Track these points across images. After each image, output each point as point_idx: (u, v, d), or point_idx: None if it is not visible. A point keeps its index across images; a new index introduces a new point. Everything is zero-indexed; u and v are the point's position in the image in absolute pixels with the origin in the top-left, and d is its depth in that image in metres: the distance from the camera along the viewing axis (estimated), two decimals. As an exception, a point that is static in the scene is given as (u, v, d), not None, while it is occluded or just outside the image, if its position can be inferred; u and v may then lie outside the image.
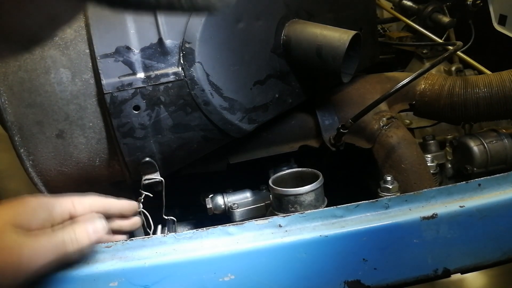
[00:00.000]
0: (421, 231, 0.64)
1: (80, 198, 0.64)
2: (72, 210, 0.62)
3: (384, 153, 0.90)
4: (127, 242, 0.64)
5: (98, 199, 0.66)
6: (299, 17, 0.86)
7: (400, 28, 1.60)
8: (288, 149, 0.97)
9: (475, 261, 0.65)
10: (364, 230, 0.63)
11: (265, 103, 0.82)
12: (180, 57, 0.71)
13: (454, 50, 0.97)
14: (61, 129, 0.72)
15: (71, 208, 0.62)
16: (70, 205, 0.62)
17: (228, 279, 0.62)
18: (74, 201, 0.63)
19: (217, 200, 0.95)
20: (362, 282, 0.64)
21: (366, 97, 0.97)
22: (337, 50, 0.78)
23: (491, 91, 0.95)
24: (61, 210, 0.61)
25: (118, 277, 0.61)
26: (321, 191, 0.77)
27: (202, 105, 0.73)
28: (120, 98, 0.70)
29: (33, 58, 0.70)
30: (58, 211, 0.61)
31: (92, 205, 0.65)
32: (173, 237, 0.64)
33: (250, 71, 0.79)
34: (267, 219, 0.65)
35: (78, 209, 0.63)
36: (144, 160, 0.74)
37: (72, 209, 0.62)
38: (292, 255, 0.63)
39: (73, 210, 0.62)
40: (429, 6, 1.34)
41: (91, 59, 0.70)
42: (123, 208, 0.70)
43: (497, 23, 1.27)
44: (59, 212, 0.61)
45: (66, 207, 0.62)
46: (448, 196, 0.67)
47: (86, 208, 0.64)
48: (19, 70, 0.70)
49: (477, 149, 0.99)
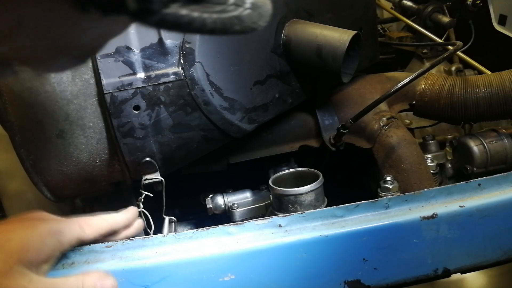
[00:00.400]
0: (421, 231, 0.64)
1: (87, 220, 0.64)
2: (80, 234, 0.62)
3: (384, 153, 0.90)
4: (127, 242, 0.64)
5: (104, 219, 0.66)
6: (299, 17, 0.86)
7: (400, 28, 1.60)
8: (288, 149, 0.97)
9: (475, 261, 0.65)
10: (364, 230, 0.63)
11: (265, 103, 0.83)
12: (180, 57, 0.71)
13: (454, 50, 0.97)
14: (61, 129, 0.72)
15: (80, 233, 0.62)
16: (78, 230, 0.62)
17: (228, 279, 0.62)
18: (82, 224, 0.63)
19: (217, 200, 0.95)
20: (362, 282, 0.64)
21: (366, 97, 0.98)
22: (337, 50, 0.78)
23: (491, 91, 0.95)
24: (70, 235, 0.60)
25: (118, 277, 0.61)
26: (321, 191, 0.77)
27: (202, 105, 0.73)
28: (120, 98, 0.70)
29: (33, 58, 0.70)
30: (67, 237, 0.60)
31: (100, 227, 0.64)
32: (173, 237, 0.65)
33: (250, 71, 0.79)
34: (267, 219, 0.65)
35: (87, 232, 0.63)
36: (144, 160, 0.74)
37: (80, 233, 0.62)
38: (292, 255, 0.63)
39: (82, 234, 0.62)
40: (429, 6, 1.34)
41: (91, 59, 0.70)
42: (128, 221, 0.69)
43: (497, 23, 1.27)
44: (67, 238, 0.60)
45: (75, 231, 0.61)
46: (448, 196, 0.67)
47: (94, 231, 0.63)
48: (20, 70, 0.70)
49: (477, 149, 0.99)
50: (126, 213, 0.70)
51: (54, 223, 0.60)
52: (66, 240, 0.60)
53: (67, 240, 0.60)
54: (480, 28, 1.35)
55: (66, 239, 0.60)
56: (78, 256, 0.63)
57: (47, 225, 0.59)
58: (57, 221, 0.61)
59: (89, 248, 0.64)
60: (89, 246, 0.64)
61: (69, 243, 0.61)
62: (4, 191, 1.21)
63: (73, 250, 0.63)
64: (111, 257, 0.63)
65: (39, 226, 0.58)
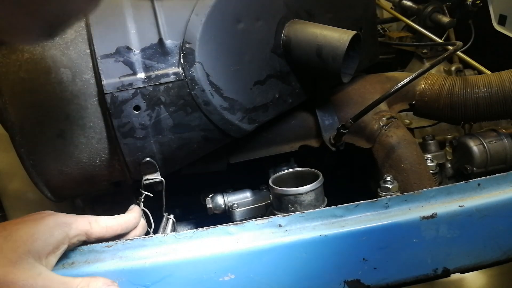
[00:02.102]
0: (421, 231, 0.64)
1: (96, 217, 0.65)
2: (88, 230, 0.63)
3: (384, 153, 0.90)
4: (127, 242, 0.64)
5: (113, 218, 0.67)
6: (299, 17, 0.86)
7: (400, 28, 1.60)
8: (288, 149, 0.97)
9: (475, 260, 0.66)
10: (364, 229, 0.64)
11: (265, 103, 0.83)
12: (181, 57, 0.71)
13: (454, 50, 0.97)
14: (61, 129, 0.72)
15: (87, 228, 0.63)
16: (86, 225, 0.63)
17: (228, 279, 0.62)
18: (90, 220, 0.64)
19: (217, 200, 0.95)
20: (362, 281, 0.64)
21: (366, 97, 0.98)
22: (337, 50, 0.78)
23: (490, 91, 0.95)
24: (78, 229, 0.62)
25: (118, 277, 0.61)
26: (321, 191, 0.77)
27: (202, 105, 0.73)
28: (121, 98, 0.70)
29: (34, 58, 0.70)
30: (74, 231, 0.61)
31: (108, 225, 0.65)
32: (173, 237, 0.65)
33: (250, 71, 0.79)
34: (267, 219, 0.66)
35: (95, 229, 0.63)
36: (145, 160, 0.74)
37: (88, 229, 0.63)
38: (292, 255, 0.63)
39: (90, 230, 0.63)
40: (429, 6, 1.34)
41: (92, 59, 0.70)
42: (135, 223, 0.70)
43: (497, 23, 1.27)
44: (75, 232, 0.61)
45: (84, 227, 0.62)
46: (447, 196, 0.67)
47: (102, 228, 0.64)
48: (20, 70, 0.70)
49: (476, 149, 0.99)
50: (133, 212, 0.71)
51: (62, 216, 0.61)
52: (73, 233, 0.61)
53: (74, 233, 0.61)
54: (480, 28, 1.35)
55: (73, 232, 0.61)
56: (78, 256, 0.63)
57: (55, 217, 0.60)
58: (65, 216, 0.62)
59: (89, 248, 0.64)
60: (89, 246, 0.64)
61: (76, 237, 0.61)
62: (4, 191, 1.21)
63: (73, 250, 0.63)
64: (111, 257, 0.63)
65: (47, 218, 0.59)
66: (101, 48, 0.69)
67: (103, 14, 0.69)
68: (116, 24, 0.70)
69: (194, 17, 0.71)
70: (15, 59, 0.70)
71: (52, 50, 0.70)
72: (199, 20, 0.71)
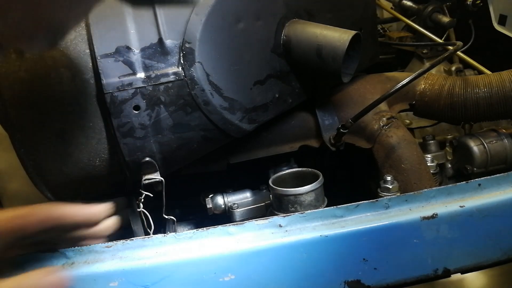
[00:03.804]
0: (421, 231, 0.64)
1: (31, 209, 0.57)
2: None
3: (384, 153, 0.90)
4: (127, 242, 0.64)
5: (53, 211, 0.59)
6: (299, 17, 0.86)
7: (400, 28, 1.60)
8: (288, 149, 0.97)
9: (475, 261, 0.65)
10: (364, 230, 0.63)
11: (265, 103, 0.83)
12: (180, 57, 0.71)
13: (454, 50, 0.97)
14: (61, 129, 0.72)
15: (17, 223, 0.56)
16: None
17: (228, 279, 0.62)
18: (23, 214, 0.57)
19: (217, 200, 0.95)
20: (362, 282, 0.64)
21: (366, 97, 0.98)
22: (337, 50, 0.78)
23: (491, 91, 0.95)
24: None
25: (118, 277, 0.61)
26: (321, 191, 0.77)
27: (202, 105, 0.73)
28: (120, 98, 0.70)
29: (34, 58, 0.70)
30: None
31: (43, 220, 0.58)
32: (173, 237, 0.65)
33: (250, 71, 0.79)
34: (267, 219, 0.65)
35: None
36: (144, 160, 0.74)
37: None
38: (292, 255, 0.63)
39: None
40: (429, 6, 1.34)
41: (91, 59, 0.70)
42: (85, 216, 0.63)
43: (497, 23, 1.27)
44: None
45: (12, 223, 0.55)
46: (448, 196, 0.67)
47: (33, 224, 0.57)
48: (20, 70, 0.70)
49: (477, 149, 0.99)
50: (85, 208, 0.63)
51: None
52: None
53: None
54: (480, 28, 1.35)
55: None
56: (78, 256, 0.63)
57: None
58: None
59: (89, 248, 0.64)
60: (89, 246, 0.64)
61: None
62: (4, 191, 1.21)
63: (73, 250, 0.63)
64: (111, 257, 0.63)
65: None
66: (101, 48, 0.69)
67: (102, 13, 0.69)
68: (116, 24, 0.70)
69: (194, 16, 0.71)
70: (15, 59, 0.70)
71: (52, 50, 0.70)
72: (199, 19, 0.71)
